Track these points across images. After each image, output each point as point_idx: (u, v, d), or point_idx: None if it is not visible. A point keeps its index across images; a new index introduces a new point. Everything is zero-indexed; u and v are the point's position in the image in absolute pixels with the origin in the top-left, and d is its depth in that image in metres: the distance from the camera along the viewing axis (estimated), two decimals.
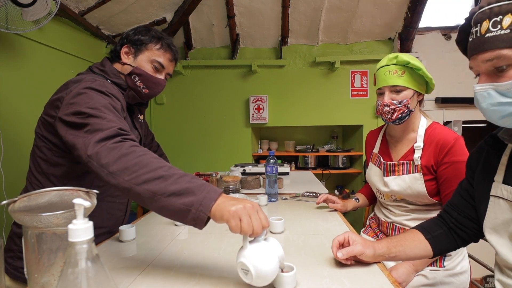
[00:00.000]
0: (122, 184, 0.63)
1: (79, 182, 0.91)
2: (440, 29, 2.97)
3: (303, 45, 3.08)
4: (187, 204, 0.61)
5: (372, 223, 1.34)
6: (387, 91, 1.07)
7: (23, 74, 1.90)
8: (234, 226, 0.60)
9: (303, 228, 1.06)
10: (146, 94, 1.02)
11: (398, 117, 1.07)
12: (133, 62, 0.99)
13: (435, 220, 0.88)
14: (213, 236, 1.00)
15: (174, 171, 0.65)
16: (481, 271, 2.85)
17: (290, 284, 0.63)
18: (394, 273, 1.02)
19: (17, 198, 0.60)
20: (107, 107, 0.79)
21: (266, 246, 0.61)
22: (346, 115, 3.07)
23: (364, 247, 0.74)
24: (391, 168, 1.14)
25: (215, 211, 0.62)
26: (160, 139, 3.23)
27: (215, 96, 3.17)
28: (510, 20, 0.57)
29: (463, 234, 0.82)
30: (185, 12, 2.58)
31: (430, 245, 0.82)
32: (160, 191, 0.61)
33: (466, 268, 1.09)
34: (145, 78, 0.99)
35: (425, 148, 1.07)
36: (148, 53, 0.99)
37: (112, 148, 0.67)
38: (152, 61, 0.99)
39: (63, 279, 0.41)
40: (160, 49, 0.99)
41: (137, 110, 1.13)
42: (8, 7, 1.58)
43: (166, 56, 1.01)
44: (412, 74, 1.04)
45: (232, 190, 1.54)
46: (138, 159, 0.65)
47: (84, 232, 0.42)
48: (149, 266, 0.78)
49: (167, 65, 1.02)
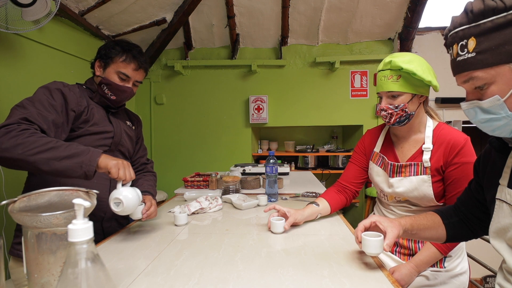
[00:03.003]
0: (16, 156, 0.81)
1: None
2: (440, 29, 2.97)
3: (303, 45, 3.08)
4: (78, 163, 0.83)
5: None
6: (384, 96, 1.06)
7: (23, 74, 1.90)
8: (114, 173, 0.86)
9: (303, 228, 1.06)
10: (114, 100, 1.16)
11: (397, 121, 1.06)
12: (103, 74, 1.14)
13: (452, 207, 0.89)
14: (213, 236, 1.00)
15: (62, 143, 0.86)
16: (481, 271, 2.85)
17: (377, 249, 0.74)
18: (397, 274, 1.01)
19: (17, 198, 0.60)
20: (41, 102, 0.96)
21: (131, 189, 0.90)
22: (346, 115, 3.07)
23: (397, 227, 0.77)
24: (398, 169, 1.10)
25: (101, 164, 0.85)
26: (160, 139, 3.25)
27: (215, 96, 3.17)
28: (473, 44, 0.58)
29: (474, 228, 0.84)
30: (185, 12, 2.58)
31: (446, 229, 0.84)
32: (53, 157, 0.83)
33: (465, 269, 1.09)
34: (112, 87, 1.13)
35: (434, 149, 1.05)
36: (114, 66, 1.13)
37: (7, 131, 0.83)
38: (117, 72, 1.13)
39: (63, 279, 0.41)
40: (124, 61, 1.13)
41: (124, 114, 1.31)
42: (8, 7, 1.58)
43: (130, 66, 1.14)
44: (408, 78, 1.01)
45: (232, 190, 1.54)
46: (30, 138, 0.83)
47: (84, 232, 0.42)
48: (149, 266, 0.78)
49: (132, 74, 1.15)
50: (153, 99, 3.22)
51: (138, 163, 1.35)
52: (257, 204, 1.38)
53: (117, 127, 1.18)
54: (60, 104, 1.01)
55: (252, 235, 1.00)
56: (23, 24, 1.67)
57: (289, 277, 0.71)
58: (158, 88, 3.22)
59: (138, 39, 2.90)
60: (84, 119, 1.07)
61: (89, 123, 1.08)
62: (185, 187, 1.82)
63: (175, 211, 1.20)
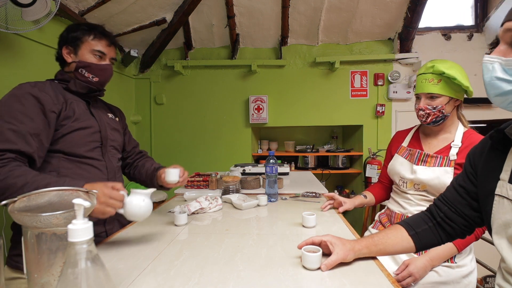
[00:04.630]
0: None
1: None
2: (440, 29, 2.97)
3: (303, 45, 3.08)
4: None
5: (382, 218, 1.37)
6: (423, 97, 1.17)
7: (23, 74, 1.89)
8: (107, 214, 0.80)
9: (303, 228, 1.06)
10: (97, 82, 1.09)
11: (433, 121, 1.16)
12: (76, 58, 1.06)
13: (422, 215, 0.88)
14: (213, 236, 1.00)
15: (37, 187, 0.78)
16: (481, 271, 2.85)
17: (313, 264, 0.74)
18: (413, 267, 1.03)
19: (17, 198, 0.60)
20: (11, 114, 0.89)
21: (137, 196, 0.87)
22: (346, 115, 3.07)
23: (345, 253, 0.76)
24: (424, 158, 1.19)
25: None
26: (159, 139, 3.25)
27: (215, 96, 3.17)
28: None
29: (450, 230, 0.82)
30: (185, 12, 2.58)
31: (413, 241, 0.83)
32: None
33: (474, 267, 1.12)
34: (92, 68, 1.06)
35: (462, 147, 1.13)
36: (86, 45, 1.05)
37: None
38: (92, 51, 1.06)
39: (63, 279, 0.41)
40: (94, 38, 1.06)
41: (105, 106, 1.24)
42: (8, 7, 1.57)
43: (102, 43, 1.07)
44: (448, 82, 1.11)
45: (232, 190, 1.54)
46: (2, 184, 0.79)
47: (84, 232, 0.42)
48: (149, 266, 0.78)
49: (106, 51, 1.08)
50: (153, 99, 3.22)
51: (133, 153, 1.34)
52: (257, 204, 1.38)
53: (100, 120, 1.12)
54: (34, 110, 0.92)
55: (252, 235, 1.00)
56: (23, 24, 1.67)
57: (289, 277, 0.71)
58: (158, 88, 3.22)
59: (138, 39, 2.90)
60: (64, 115, 1.00)
61: (71, 118, 1.01)
62: (185, 187, 1.82)
63: (175, 211, 1.20)
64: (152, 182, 1.23)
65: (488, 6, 2.91)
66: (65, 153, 1.01)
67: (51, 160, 0.99)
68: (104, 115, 1.18)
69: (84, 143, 1.04)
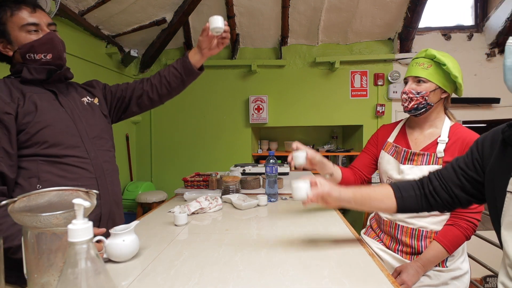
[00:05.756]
0: None
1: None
2: (440, 29, 2.97)
3: (303, 45, 3.08)
4: None
5: (373, 223, 1.33)
6: (410, 81, 1.13)
7: None
8: None
9: (303, 228, 1.06)
10: (53, 58, 0.95)
11: (414, 107, 1.12)
12: (13, 45, 0.91)
13: (412, 182, 0.89)
14: (213, 236, 1.00)
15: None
16: (481, 271, 2.85)
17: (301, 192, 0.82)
18: (405, 275, 1.01)
19: (17, 198, 0.60)
20: None
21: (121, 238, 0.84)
22: (346, 115, 3.07)
23: (331, 188, 0.81)
24: (410, 157, 1.15)
25: None
26: (159, 139, 3.25)
27: (215, 96, 3.17)
28: None
29: (433, 202, 0.83)
30: (185, 12, 2.58)
31: (397, 203, 0.85)
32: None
33: (466, 269, 1.10)
34: (36, 47, 0.91)
35: (449, 143, 1.10)
36: (11, 26, 0.90)
37: None
38: (21, 29, 0.90)
39: (63, 279, 0.41)
40: (13, 14, 0.89)
41: (79, 92, 1.08)
42: None
43: (24, 13, 0.90)
44: (437, 69, 1.08)
45: (232, 190, 1.54)
46: None
47: (83, 232, 0.42)
48: (149, 266, 0.78)
49: (36, 19, 0.92)
50: None
51: (135, 85, 1.21)
52: (257, 204, 1.38)
53: (72, 110, 0.98)
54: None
55: (252, 235, 1.00)
56: None
57: (289, 277, 0.71)
58: None
59: (138, 39, 2.90)
60: (24, 111, 0.86)
61: (33, 113, 0.87)
62: (185, 187, 1.82)
63: (175, 211, 1.20)
64: (186, 69, 1.15)
65: (488, 6, 2.91)
66: (42, 155, 0.89)
67: (29, 166, 0.88)
68: (78, 101, 1.04)
69: (59, 141, 0.92)
